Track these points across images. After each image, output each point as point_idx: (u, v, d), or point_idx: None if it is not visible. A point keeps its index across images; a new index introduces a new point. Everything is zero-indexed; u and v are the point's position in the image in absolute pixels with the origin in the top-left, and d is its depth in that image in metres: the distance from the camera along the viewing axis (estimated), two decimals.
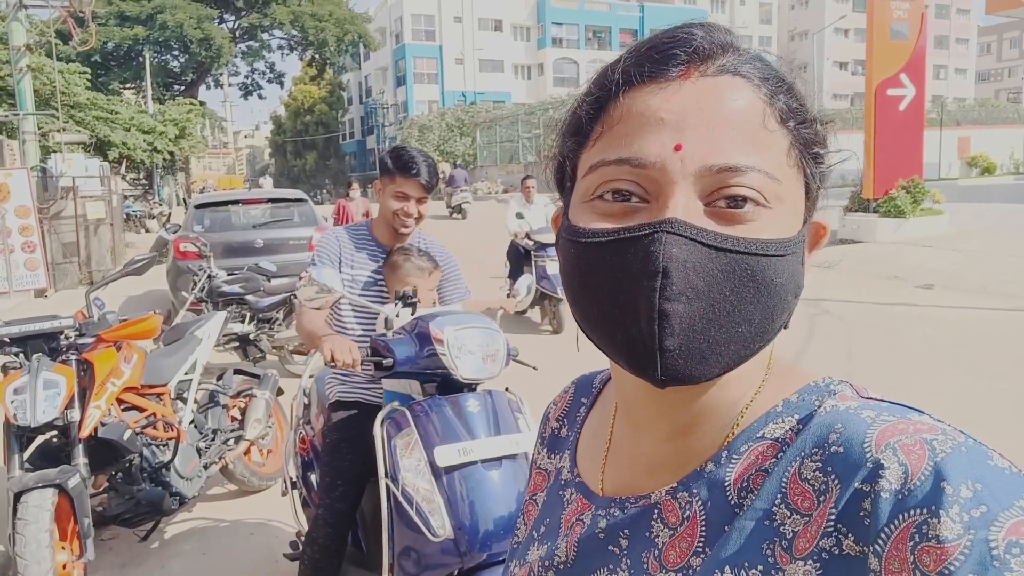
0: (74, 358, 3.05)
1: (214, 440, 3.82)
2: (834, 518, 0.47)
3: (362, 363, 2.21)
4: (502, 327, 2.41)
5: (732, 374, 0.56)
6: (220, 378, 4.15)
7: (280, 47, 48.92)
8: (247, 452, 4.03)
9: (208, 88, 49.70)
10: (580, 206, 0.57)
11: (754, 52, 0.56)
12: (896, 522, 0.44)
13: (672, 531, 0.58)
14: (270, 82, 53.69)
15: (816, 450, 0.51)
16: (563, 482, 0.72)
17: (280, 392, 4.29)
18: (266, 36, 46.76)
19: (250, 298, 6.19)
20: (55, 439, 3.05)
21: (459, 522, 1.98)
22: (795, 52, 58.76)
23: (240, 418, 4.07)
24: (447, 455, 2.04)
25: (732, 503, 0.55)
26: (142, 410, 3.35)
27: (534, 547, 0.71)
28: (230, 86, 54.14)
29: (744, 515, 0.53)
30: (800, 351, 6.08)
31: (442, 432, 2.09)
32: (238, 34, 45.56)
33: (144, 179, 31.83)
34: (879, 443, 0.47)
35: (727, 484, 0.55)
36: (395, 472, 2.11)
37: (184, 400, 3.70)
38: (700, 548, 0.55)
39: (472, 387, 2.27)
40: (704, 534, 0.55)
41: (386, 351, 2.21)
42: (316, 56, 48.43)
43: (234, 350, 6.19)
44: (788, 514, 0.51)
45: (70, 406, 2.90)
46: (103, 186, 14.20)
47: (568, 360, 1.32)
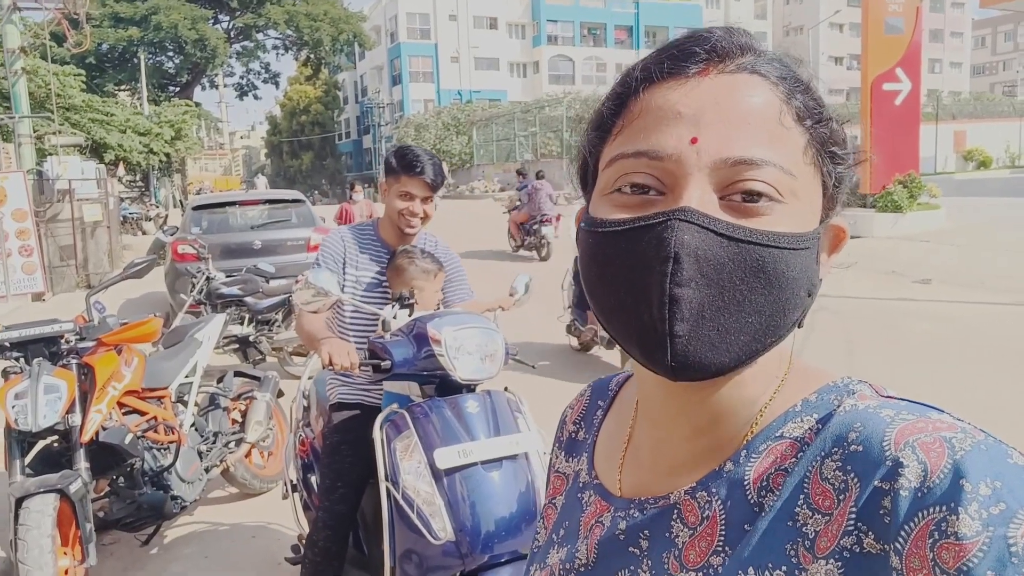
0: (75, 362, 3.05)
1: (215, 443, 3.82)
2: (854, 516, 0.48)
3: (360, 365, 2.21)
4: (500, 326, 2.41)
5: (749, 372, 0.56)
6: (220, 380, 4.16)
7: (275, 47, 49.10)
8: (248, 455, 4.03)
9: (203, 89, 49.72)
10: (599, 199, 0.58)
11: (773, 53, 0.58)
12: (916, 519, 0.45)
13: (692, 531, 0.58)
14: (265, 82, 53.60)
15: (836, 449, 0.51)
16: (581, 485, 0.73)
17: (280, 394, 4.29)
18: (261, 36, 46.71)
19: (249, 300, 6.19)
20: (56, 444, 3.05)
21: (460, 524, 1.98)
22: (790, 47, 58.42)
23: (241, 421, 4.07)
24: (447, 457, 2.04)
25: (752, 502, 0.55)
26: (143, 414, 3.35)
27: (554, 550, 0.72)
28: (225, 87, 54.14)
29: (766, 515, 0.53)
30: (799, 347, 6.06)
31: (442, 434, 2.09)
32: (233, 34, 45.49)
33: (140, 181, 31.80)
34: (898, 441, 0.48)
35: (747, 483, 0.56)
36: (395, 475, 2.11)
37: (185, 403, 3.70)
38: (720, 547, 0.55)
39: (471, 388, 2.27)
40: (724, 533, 0.56)
41: (384, 353, 2.21)
42: (311, 56, 48.38)
43: (234, 352, 6.19)
44: (810, 514, 0.51)
45: (71, 410, 2.91)
46: (99, 188, 14.21)
47: None
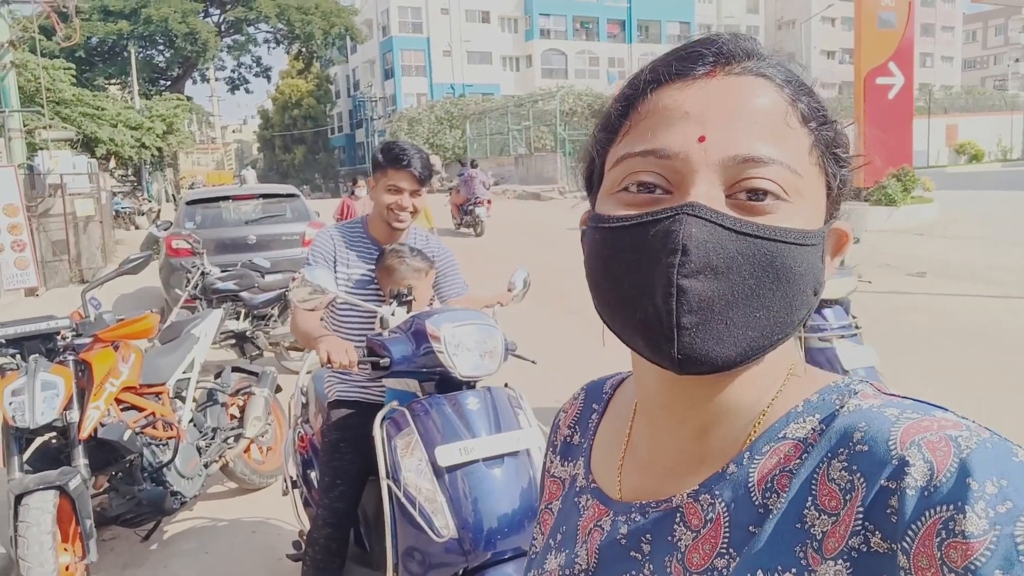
0: (72, 359, 3.04)
1: (214, 439, 3.82)
2: (861, 516, 0.48)
3: (359, 363, 2.20)
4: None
5: (751, 372, 0.57)
6: (218, 376, 4.15)
7: (266, 41, 48.60)
8: (247, 450, 4.03)
9: (194, 83, 49.62)
10: (606, 198, 0.59)
11: (779, 59, 0.58)
12: (923, 518, 0.45)
13: (695, 534, 0.58)
14: (257, 76, 53.35)
15: (841, 450, 0.52)
16: (578, 489, 0.72)
17: (278, 389, 4.29)
18: (252, 30, 46.41)
19: (244, 295, 6.17)
20: (54, 440, 3.04)
21: (462, 521, 1.99)
22: (782, 41, 58.65)
23: (239, 416, 4.07)
24: (448, 454, 2.04)
25: (756, 504, 0.55)
26: (141, 410, 3.34)
27: (551, 556, 0.71)
28: (216, 80, 53.75)
29: (772, 517, 0.53)
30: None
31: (442, 431, 2.09)
32: (223, 28, 45.18)
33: (132, 175, 31.61)
34: (904, 440, 0.48)
35: (751, 485, 0.56)
36: (396, 473, 2.11)
37: (183, 399, 3.70)
38: (725, 550, 0.55)
39: (471, 384, 2.27)
40: (728, 536, 0.55)
41: (383, 351, 2.20)
42: (303, 49, 48.13)
43: (231, 347, 6.18)
44: (817, 515, 0.51)
45: (69, 407, 2.90)
46: (91, 183, 14.09)
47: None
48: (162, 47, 42.62)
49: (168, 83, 44.35)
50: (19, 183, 10.49)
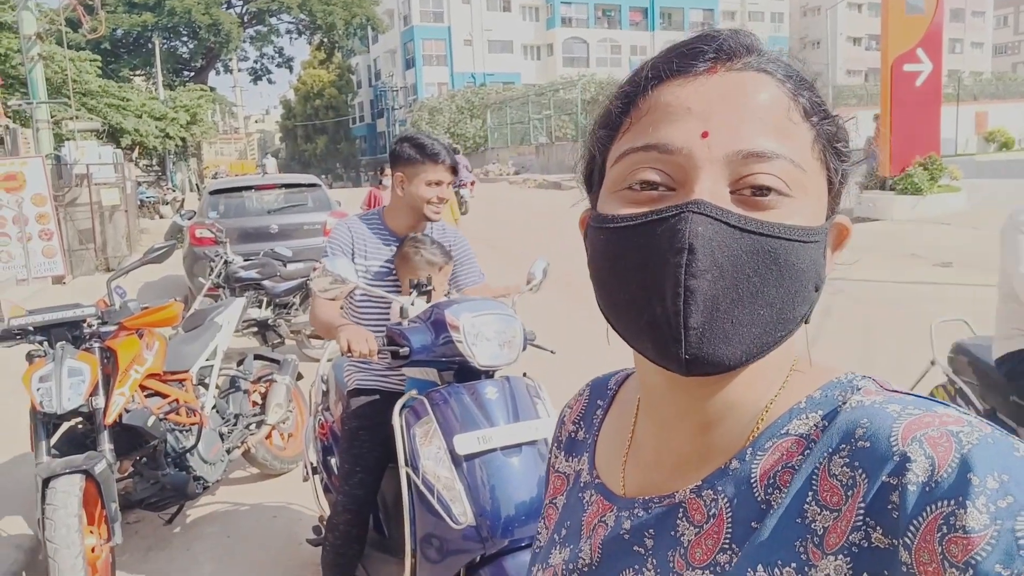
0: (97, 346, 3.09)
1: (236, 425, 3.87)
2: (863, 512, 0.48)
3: (379, 352, 2.22)
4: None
5: (755, 370, 0.56)
6: (240, 363, 4.20)
7: (288, 31, 48.83)
8: (268, 436, 4.08)
9: (218, 74, 49.82)
10: (609, 196, 0.58)
11: (779, 54, 0.58)
12: (924, 514, 0.45)
13: (698, 529, 0.58)
14: (279, 67, 53.88)
15: (843, 446, 0.51)
16: (582, 484, 0.72)
17: (299, 377, 4.33)
18: (274, 20, 46.64)
19: (267, 283, 6.23)
20: (80, 426, 3.10)
21: (480, 509, 2.00)
22: (807, 28, 57.95)
23: (261, 403, 4.11)
24: (466, 443, 2.06)
25: (759, 499, 0.55)
26: (165, 396, 3.39)
27: (556, 550, 0.71)
28: (239, 71, 54.16)
29: (774, 513, 0.53)
30: (815, 333, 6.03)
31: (461, 420, 2.10)
32: (246, 19, 45.43)
33: (157, 165, 31.95)
34: (905, 436, 0.48)
35: (753, 481, 0.56)
36: (415, 460, 2.13)
37: (206, 385, 3.75)
38: (727, 544, 0.55)
39: (490, 374, 2.28)
40: (731, 531, 0.56)
41: (402, 340, 2.22)
42: (325, 40, 48.31)
43: (253, 335, 6.24)
44: (819, 511, 0.51)
45: (95, 393, 2.95)
46: (117, 173, 14.26)
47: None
48: (186, 38, 42.99)
49: (192, 74, 44.72)
50: (47, 173, 10.65)
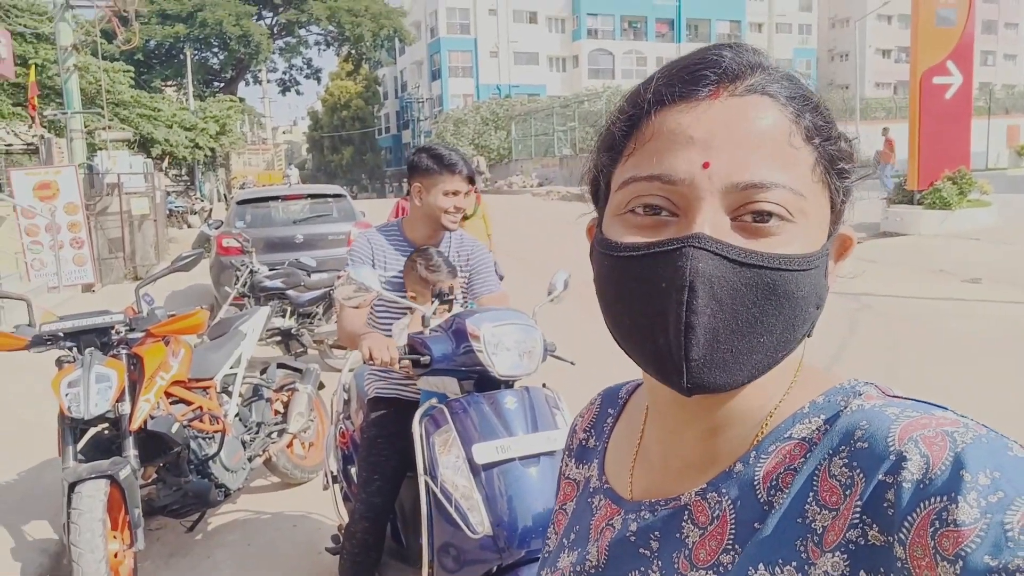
0: (124, 352, 3.13)
1: (258, 433, 3.90)
2: (859, 510, 0.49)
3: (400, 360, 2.24)
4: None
5: (759, 380, 0.57)
6: (264, 372, 4.24)
7: (317, 43, 49.49)
8: (290, 445, 4.11)
9: (247, 84, 50.63)
10: (613, 219, 0.60)
11: (783, 71, 0.58)
12: (918, 510, 0.46)
13: (702, 530, 0.59)
14: (307, 78, 54.53)
15: (843, 447, 0.53)
16: (592, 490, 0.74)
17: (321, 386, 4.36)
18: (303, 32, 47.34)
19: (291, 293, 6.30)
20: (106, 431, 3.14)
21: (498, 519, 2.00)
22: (836, 40, 57.49)
23: (283, 411, 4.15)
24: (485, 452, 2.06)
25: (761, 501, 0.56)
26: (189, 403, 3.43)
27: (564, 554, 0.73)
28: (268, 82, 54.95)
29: (776, 513, 0.55)
30: (841, 346, 5.98)
31: (480, 429, 2.11)
32: (276, 30, 46.16)
33: (186, 175, 32.48)
34: (902, 437, 0.49)
35: (756, 483, 0.57)
36: (434, 469, 2.13)
37: (229, 393, 3.79)
38: (730, 545, 0.57)
39: (509, 383, 2.28)
40: (734, 532, 0.57)
41: (423, 348, 2.23)
42: (352, 51, 48.85)
43: (276, 344, 6.30)
44: (818, 510, 0.52)
45: (121, 399, 2.99)
46: (147, 182, 14.51)
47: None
48: (216, 49, 43.75)
49: (222, 85, 45.50)
50: (79, 182, 10.87)
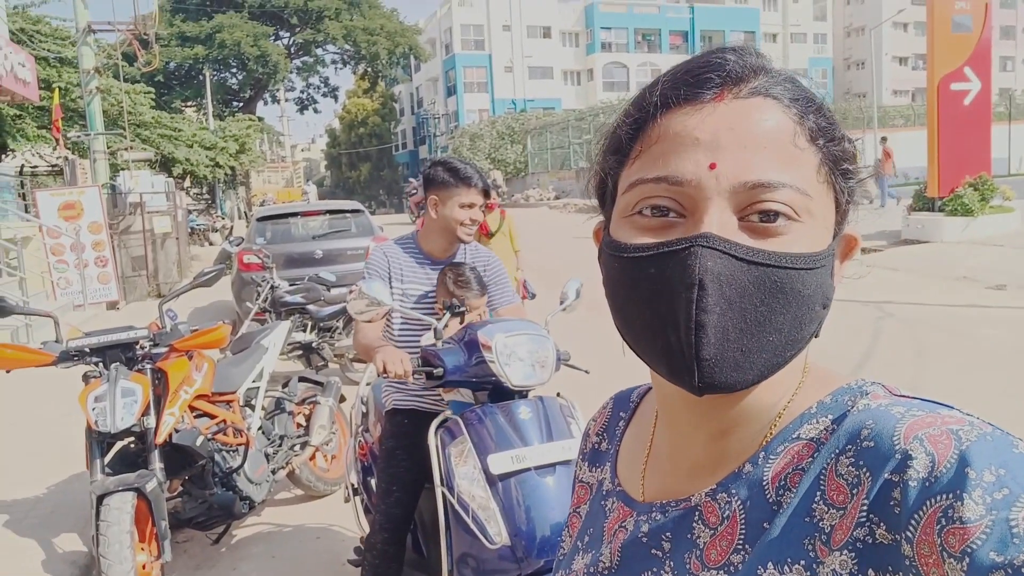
0: (149, 367, 3.19)
1: (281, 446, 3.95)
2: (866, 509, 0.50)
3: (413, 373, 2.27)
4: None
5: (767, 381, 0.59)
6: (286, 385, 4.29)
7: (334, 61, 50.00)
8: (312, 457, 4.16)
9: (265, 104, 51.09)
10: (620, 221, 0.61)
11: (786, 74, 0.59)
12: (924, 508, 0.47)
13: (713, 531, 0.60)
14: (325, 96, 54.89)
15: (850, 446, 0.53)
16: (605, 492, 0.75)
17: (342, 399, 4.41)
18: (320, 51, 47.83)
19: (311, 307, 6.36)
20: (133, 445, 3.20)
21: (515, 529, 2.02)
22: (851, 48, 57.18)
23: (305, 424, 4.19)
24: (501, 462, 2.08)
25: (771, 501, 0.57)
26: (213, 417, 3.49)
27: (578, 556, 0.74)
28: (286, 101, 55.42)
29: (784, 512, 0.55)
30: (866, 355, 5.93)
31: (495, 440, 2.13)
32: (293, 50, 46.68)
33: (207, 194, 32.85)
34: (908, 435, 0.50)
35: (765, 483, 0.58)
36: (450, 480, 2.16)
37: (252, 407, 3.84)
38: (740, 545, 0.57)
39: (524, 394, 2.30)
40: (744, 532, 0.58)
41: (437, 360, 2.26)
42: (368, 69, 49.27)
43: (297, 358, 6.36)
44: (826, 509, 0.53)
45: (146, 413, 3.04)
46: (168, 201, 14.74)
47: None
48: (235, 70, 44.33)
49: (240, 104, 46.05)
50: (103, 202, 11.07)
